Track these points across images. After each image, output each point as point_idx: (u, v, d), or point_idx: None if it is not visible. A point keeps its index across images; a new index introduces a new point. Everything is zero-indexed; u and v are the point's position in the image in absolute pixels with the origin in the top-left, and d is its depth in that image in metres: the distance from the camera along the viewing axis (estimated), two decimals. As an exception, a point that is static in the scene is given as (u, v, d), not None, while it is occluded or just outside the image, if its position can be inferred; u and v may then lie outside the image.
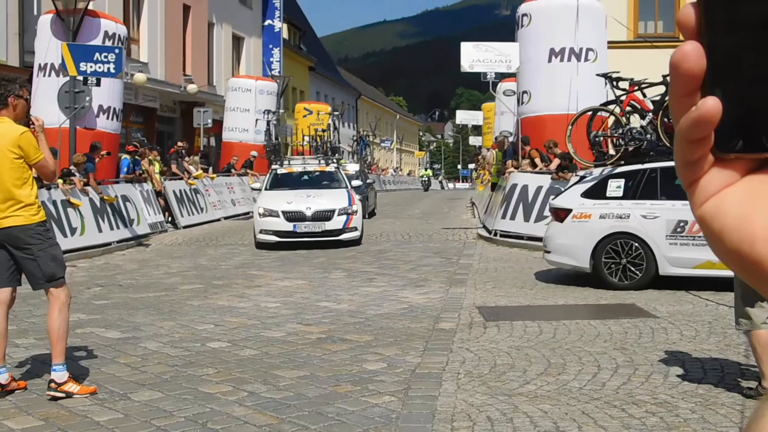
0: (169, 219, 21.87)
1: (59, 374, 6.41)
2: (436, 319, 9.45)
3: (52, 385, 6.39)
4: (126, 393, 6.55)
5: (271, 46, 45.66)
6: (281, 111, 34.94)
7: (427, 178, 61.93)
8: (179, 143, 26.08)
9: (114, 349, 8.09)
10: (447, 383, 6.69)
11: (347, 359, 7.61)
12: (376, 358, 7.63)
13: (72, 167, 16.92)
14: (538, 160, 18.12)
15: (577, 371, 7.04)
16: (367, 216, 22.62)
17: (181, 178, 23.20)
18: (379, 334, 8.71)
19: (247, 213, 26.60)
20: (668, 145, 12.37)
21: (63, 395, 6.36)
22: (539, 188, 17.06)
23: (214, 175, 26.61)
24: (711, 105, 0.53)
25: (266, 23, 45.66)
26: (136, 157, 20.94)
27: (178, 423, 5.78)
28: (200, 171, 24.98)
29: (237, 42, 43.06)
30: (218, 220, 24.47)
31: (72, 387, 6.43)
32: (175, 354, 7.91)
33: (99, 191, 17.22)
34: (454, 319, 9.42)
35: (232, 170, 28.62)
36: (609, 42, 20.55)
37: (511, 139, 21.88)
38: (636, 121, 13.49)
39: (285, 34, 48.79)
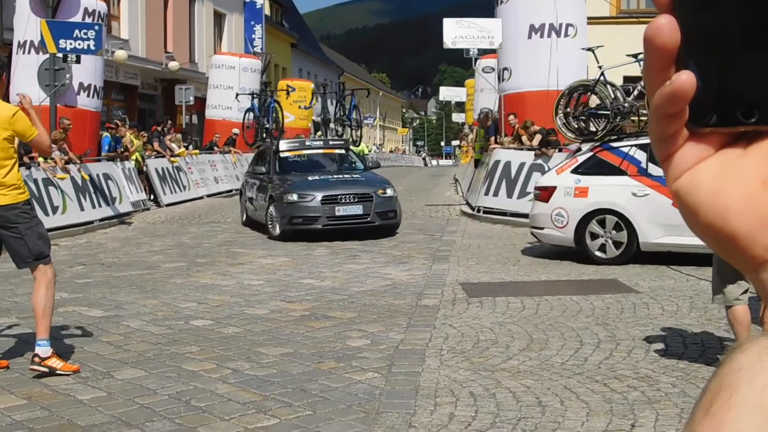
0: (152, 197, 21.79)
1: (43, 349, 6.38)
2: (419, 295, 9.47)
3: (36, 359, 6.36)
4: (109, 371, 6.54)
5: (253, 23, 45.32)
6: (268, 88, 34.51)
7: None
8: (168, 122, 25.95)
9: (97, 328, 8.07)
10: (430, 359, 6.72)
11: (330, 336, 7.62)
12: (359, 335, 7.65)
13: (52, 145, 16.79)
14: (525, 138, 18.13)
15: (560, 346, 7.08)
16: None
17: (164, 156, 23.09)
18: (362, 311, 8.73)
19: (230, 191, 26.56)
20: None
21: (46, 370, 6.34)
22: (522, 165, 17.09)
23: (197, 152, 26.49)
24: (685, 79, 0.53)
25: (248, -1, 45.33)
26: (118, 135, 20.81)
27: (162, 401, 5.78)
28: (183, 149, 24.86)
29: (219, 18, 42.74)
30: (201, 198, 24.39)
31: (55, 363, 6.41)
32: (158, 332, 7.90)
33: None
34: (437, 295, 9.45)
35: (215, 148, 28.50)
36: (592, 18, 20.54)
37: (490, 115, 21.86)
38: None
39: (267, 11, 48.44)
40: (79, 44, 18.20)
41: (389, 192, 15.50)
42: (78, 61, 18.66)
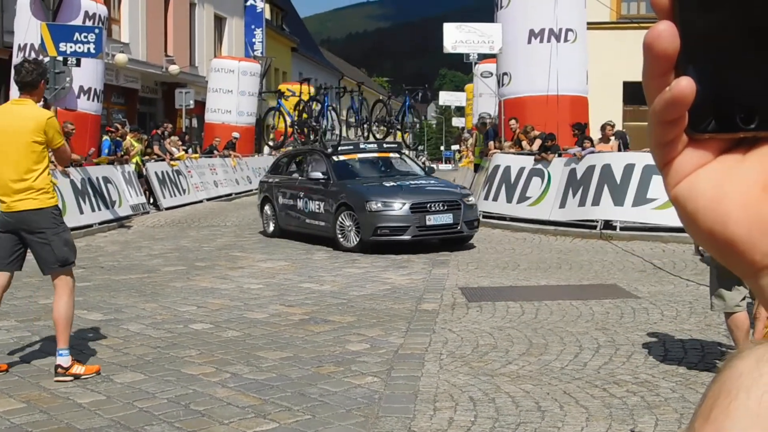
0: (151, 200, 21.79)
1: (65, 359, 6.41)
2: (419, 300, 9.47)
3: (60, 370, 6.38)
4: (108, 375, 6.53)
5: (253, 27, 45.37)
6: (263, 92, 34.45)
7: None
8: (165, 124, 25.95)
9: (96, 331, 8.07)
10: (429, 364, 6.72)
11: (330, 340, 7.62)
12: (358, 339, 7.64)
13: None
14: (525, 143, 18.14)
15: (559, 351, 7.08)
16: None
17: (163, 160, 23.09)
18: (361, 315, 8.72)
19: (230, 194, 26.56)
20: None
21: (71, 378, 6.36)
22: (522, 169, 17.10)
23: (197, 156, 26.50)
24: (684, 85, 0.53)
25: (248, 3, 45.35)
26: (118, 138, 20.82)
27: (161, 404, 5.77)
28: (182, 152, 24.87)
29: (219, 22, 42.79)
30: (201, 201, 24.39)
31: (78, 369, 6.45)
32: (157, 336, 7.89)
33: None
34: (436, 300, 9.44)
35: (215, 151, 28.53)
36: (592, 23, 20.56)
37: (488, 120, 21.88)
38: None
39: (267, 15, 48.50)
40: (80, 47, 18.20)
41: (471, 200, 14.48)
42: (78, 64, 18.67)
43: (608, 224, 14.94)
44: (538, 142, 17.27)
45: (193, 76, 37.24)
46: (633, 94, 26.17)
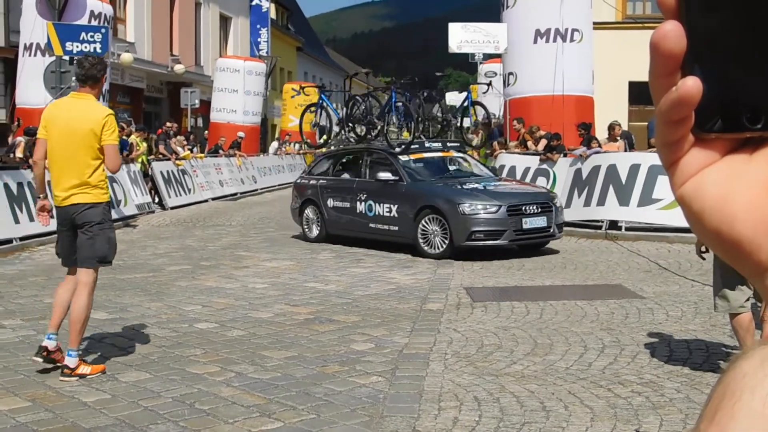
0: (157, 200, 21.81)
1: (72, 360, 6.43)
2: (424, 299, 9.47)
3: (66, 371, 6.41)
4: (113, 374, 6.54)
5: (258, 26, 45.42)
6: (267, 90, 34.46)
7: None
8: (167, 123, 25.97)
9: (101, 330, 8.08)
10: (434, 363, 6.72)
11: (335, 340, 7.62)
12: (363, 339, 7.64)
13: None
14: (530, 143, 18.12)
15: (564, 351, 7.07)
16: None
17: (169, 159, 23.11)
18: (366, 314, 8.73)
19: (235, 194, 26.57)
20: None
21: (76, 379, 6.38)
22: (527, 169, 17.08)
23: (202, 155, 26.52)
24: (691, 85, 0.53)
25: (254, 3, 45.40)
26: (123, 137, 20.84)
27: (166, 403, 5.78)
28: (188, 152, 24.89)
29: (224, 22, 42.84)
30: (206, 201, 24.40)
31: (84, 369, 6.47)
32: (162, 335, 7.90)
33: None
34: (441, 299, 9.44)
35: (220, 151, 28.55)
36: (597, 23, 20.55)
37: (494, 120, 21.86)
38: None
39: (273, 14, 48.53)
40: (86, 47, 18.23)
41: (558, 202, 13.67)
42: (84, 63, 18.68)
43: (613, 224, 14.93)
44: (543, 142, 17.26)
45: (198, 75, 37.28)
46: (639, 94, 26.16)
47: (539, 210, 12.78)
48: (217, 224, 18.64)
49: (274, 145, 37.13)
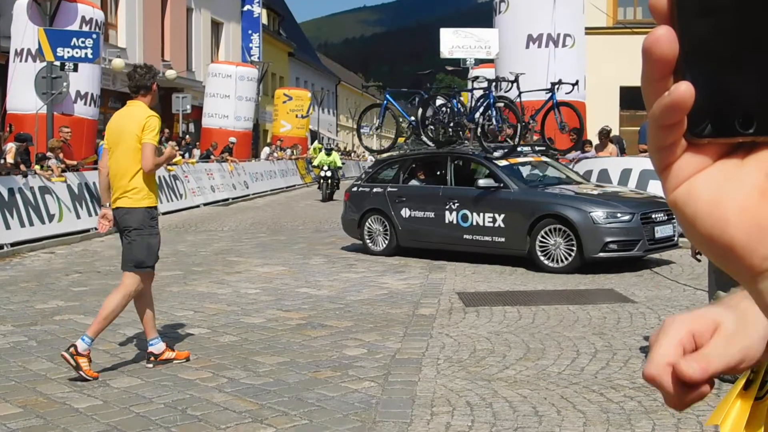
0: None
1: (83, 345, 6.51)
2: (416, 304, 9.47)
3: (71, 350, 6.47)
4: (105, 380, 6.52)
5: (250, 32, 45.42)
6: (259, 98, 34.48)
7: (329, 168, 28.45)
8: (163, 131, 25.90)
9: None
10: (426, 368, 6.71)
11: (327, 345, 7.61)
12: (356, 344, 7.64)
13: (48, 152, 16.81)
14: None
15: (556, 356, 7.08)
16: None
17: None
18: (359, 319, 8.72)
19: (227, 199, 26.53)
20: None
21: (74, 364, 6.43)
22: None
23: (194, 161, 26.49)
24: (683, 90, 0.53)
25: (245, 8, 45.39)
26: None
27: (158, 409, 5.76)
28: (179, 157, 24.84)
29: (216, 27, 42.81)
30: (197, 206, 24.36)
31: (84, 363, 6.49)
32: (154, 341, 7.87)
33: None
34: (433, 304, 9.44)
35: (212, 156, 28.51)
36: (588, 28, 20.58)
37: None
38: None
39: (264, 20, 48.53)
40: (77, 52, 18.23)
41: None
42: (76, 69, 18.68)
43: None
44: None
45: (190, 81, 37.23)
46: (630, 99, 26.20)
47: (666, 218, 11.82)
48: (209, 230, 18.61)
49: (266, 150, 37.11)
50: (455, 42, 19.85)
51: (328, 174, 28.24)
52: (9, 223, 14.03)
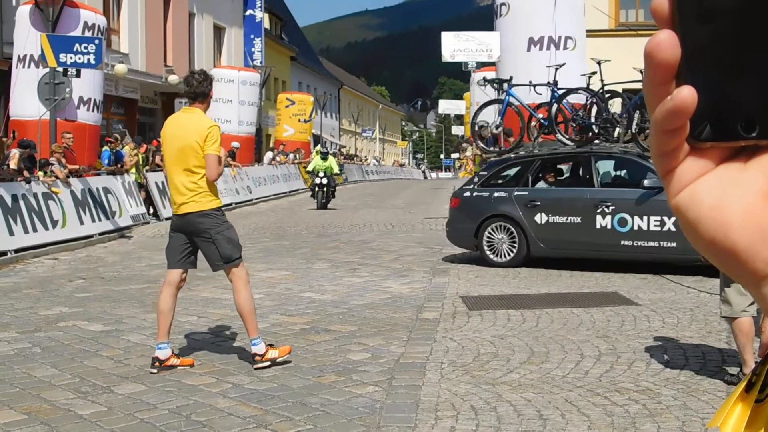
0: (152, 211, 21.78)
1: (259, 347, 6.88)
2: (420, 308, 9.46)
3: (257, 358, 6.89)
4: (109, 386, 6.52)
5: (252, 36, 45.45)
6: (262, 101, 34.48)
7: (324, 174, 26.73)
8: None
9: (97, 342, 8.05)
10: (431, 373, 6.71)
11: (331, 350, 7.61)
12: (359, 349, 7.63)
13: (51, 158, 16.84)
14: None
15: (560, 359, 7.07)
16: None
17: (163, 170, 23.07)
18: (362, 324, 8.71)
19: (230, 204, 26.52)
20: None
21: (267, 364, 6.85)
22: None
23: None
24: (686, 94, 0.53)
25: (247, 13, 45.43)
26: (117, 149, 20.84)
27: (162, 415, 5.76)
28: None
29: (218, 32, 42.85)
30: (201, 211, 24.30)
31: (272, 353, 6.91)
32: (158, 346, 7.87)
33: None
34: (437, 308, 9.43)
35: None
36: (590, 30, 20.58)
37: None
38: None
39: (266, 24, 48.57)
40: (80, 58, 18.23)
41: None
42: (78, 75, 18.70)
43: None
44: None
45: (192, 86, 37.23)
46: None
47: None
48: (212, 235, 18.59)
49: (269, 155, 37.13)
50: (456, 45, 19.88)
51: (324, 181, 26.14)
52: (12, 230, 14.04)
